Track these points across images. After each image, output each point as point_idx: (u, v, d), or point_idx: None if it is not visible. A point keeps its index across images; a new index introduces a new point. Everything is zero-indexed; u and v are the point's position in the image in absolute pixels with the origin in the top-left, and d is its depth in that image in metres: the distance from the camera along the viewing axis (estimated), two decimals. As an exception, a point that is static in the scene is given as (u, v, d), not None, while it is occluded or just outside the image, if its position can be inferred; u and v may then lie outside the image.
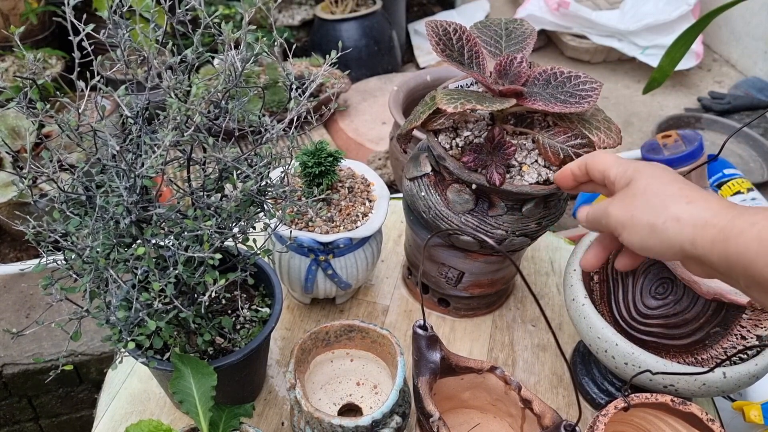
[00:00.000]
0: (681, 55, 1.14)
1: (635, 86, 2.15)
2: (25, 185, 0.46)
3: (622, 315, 0.67)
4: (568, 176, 0.53)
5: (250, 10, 0.49)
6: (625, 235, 0.46)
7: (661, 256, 0.45)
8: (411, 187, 0.68)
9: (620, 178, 0.48)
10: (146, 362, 0.55)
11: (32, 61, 0.45)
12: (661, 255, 0.45)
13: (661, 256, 0.45)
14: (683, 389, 0.56)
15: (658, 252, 0.45)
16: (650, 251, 0.45)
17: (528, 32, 0.66)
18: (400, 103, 1.04)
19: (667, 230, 0.43)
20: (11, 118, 1.30)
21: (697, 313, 0.65)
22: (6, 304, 1.32)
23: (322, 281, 0.73)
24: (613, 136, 0.59)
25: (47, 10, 1.81)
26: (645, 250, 0.46)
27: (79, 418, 1.38)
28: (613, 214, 0.47)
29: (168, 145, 0.46)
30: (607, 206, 0.48)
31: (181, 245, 0.49)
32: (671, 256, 0.44)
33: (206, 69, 1.64)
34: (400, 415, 0.59)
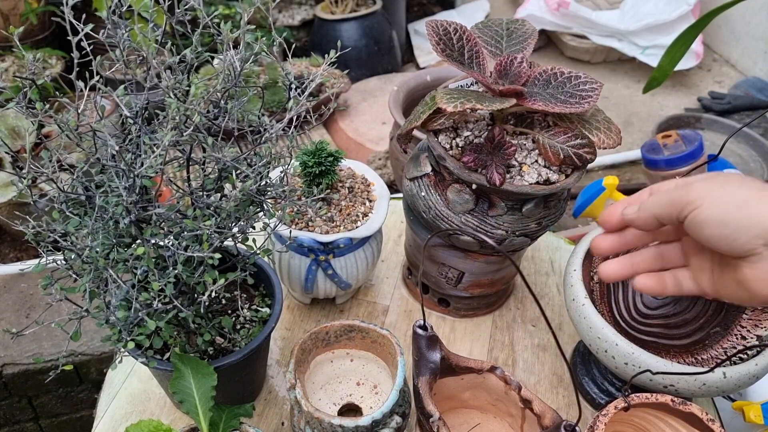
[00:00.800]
0: (681, 55, 1.14)
1: (635, 86, 2.15)
2: (24, 185, 0.46)
3: (622, 315, 0.67)
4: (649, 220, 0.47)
5: (249, 9, 0.49)
6: (705, 208, 0.42)
7: (735, 243, 0.41)
8: (411, 187, 0.68)
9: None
10: (146, 362, 0.55)
11: (32, 61, 0.45)
12: (736, 241, 0.41)
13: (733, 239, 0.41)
14: (683, 389, 0.56)
15: (736, 230, 0.41)
16: (727, 228, 0.41)
17: (529, 32, 0.66)
18: (400, 103, 1.04)
19: (760, 204, 0.40)
20: (11, 118, 1.30)
21: (697, 313, 0.65)
22: (6, 304, 1.32)
23: (322, 281, 0.73)
24: (613, 136, 0.59)
25: (47, 10, 1.81)
26: (723, 232, 0.41)
27: (79, 418, 1.38)
28: (697, 186, 0.43)
29: (167, 144, 0.46)
30: (691, 181, 0.44)
31: (180, 245, 0.49)
32: (748, 244, 0.41)
33: (206, 69, 1.65)
34: (400, 415, 0.59)
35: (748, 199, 0.41)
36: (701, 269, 0.48)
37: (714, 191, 0.42)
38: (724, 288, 0.46)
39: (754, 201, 0.41)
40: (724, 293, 0.46)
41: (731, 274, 0.44)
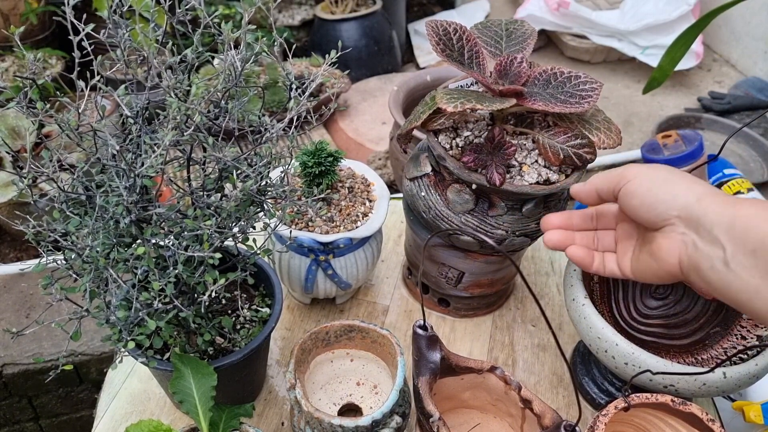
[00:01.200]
0: (681, 55, 1.14)
1: (635, 86, 2.15)
2: (25, 185, 0.46)
3: (622, 315, 0.67)
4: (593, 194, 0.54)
5: (249, 9, 0.49)
6: (637, 181, 0.49)
7: (654, 211, 0.48)
8: (411, 187, 0.68)
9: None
10: (146, 362, 0.55)
11: (32, 61, 0.45)
12: (656, 209, 0.48)
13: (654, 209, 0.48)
14: (683, 389, 0.56)
15: (657, 201, 0.47)
16: (652, 202, 0.48)
17: (528, 32, 0.66)
18: (400, 103, 1.04)
19: (680, 183, 0.47)
20: (11, 118, 1.30)
21: (697, 313, 0.65)
22: (6, 304, 1.32)
23: (322, 281, 0.73)
24: (613, 136, 0.59)
25: (47, 10, 1.81)
26: (647, 200, 0.48)
27: (79, 418, 1.38)
28: (633, 167, 0.50)
29: (168, 144, 0.46)
30: (630, 165, 0.51)
31: (180, 245, 0.49)
32: (665, 213, 0.47)
33: (206, 69, 1.65)
34: (400, 415, 0.59)
35: (672, 178, 0.48)
36: (624, 252, 0.54)
37: (646, 170, 0.50)
38: (640, 264, 0.52)
39: (675, 180, 0.48)
40: (638, 271, 0.52)
41: (647, 248, 0.50)
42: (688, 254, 0.46)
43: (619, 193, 0.51)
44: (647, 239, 0.51)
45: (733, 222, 0.43)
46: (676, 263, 0.47)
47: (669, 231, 0.47)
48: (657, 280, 0.51)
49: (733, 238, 0.42)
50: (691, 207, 0.46)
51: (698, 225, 0.45)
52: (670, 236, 0.47)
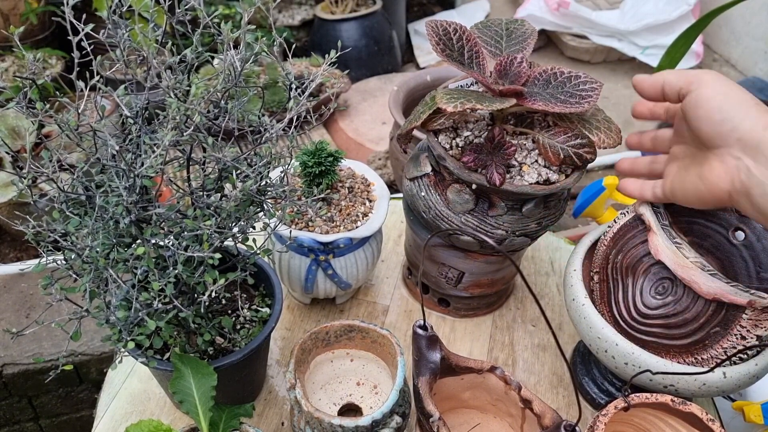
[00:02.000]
0: (681, 55, 1.14)
1: (635, 86, 2.15)
2: (24, 185, 0.46)
3: (622, 315, 0.67)
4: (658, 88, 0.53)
5: (249, 9, 0.49)
6: (711, 89, 0.48)
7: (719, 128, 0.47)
8: (411, 187, 0.68)
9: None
10: (146, 362, 0.55)
11: (32, 61, 0.45)
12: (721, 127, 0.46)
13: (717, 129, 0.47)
14: (683, 389, 0.56)
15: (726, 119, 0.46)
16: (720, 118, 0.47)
17: (528, 32, 0.66)
18: (400, 103, 1.04)
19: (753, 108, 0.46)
20: (11, 118, 1.30)
21: (697, 313, 0.65)
22: (6, 304, 1.32)
23: (322, 281, 0.73)
24: (613, 135, 0.59)
25: (47, 10, 1.81)
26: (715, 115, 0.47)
27: (79, 418, 1.38)
28: (712, 74, 0.49)
29: (167, 144, 0.46)
30: (704, 70, 0.50)
31: (180, 245, 0.49)
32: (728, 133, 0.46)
33: (206, 69, 1.65)
34: (400, 415, 0.59)
35: (746, 100, 0.47)
36: (668, 174, 0.54)
37: (723, 82, 0.48)
38: (685, 185, 0.51)
39: (749, 103, 0.47)
40: (680, 192, 0.52)
41: (696, 169, 0.50)
42: (740, 179, 0.46)
43: (687, 96, 0.49)
44: (698, 160, 0.50)
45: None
46: (725, 188, 0.47)
47: (724, 154, 0.47)
48: (698, 203, 0.50)
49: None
50: (756, 133, 0.45)
51: (757, 151, 0.45)
52: (725, 160, 0.47)
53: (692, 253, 0.57)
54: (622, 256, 0.63)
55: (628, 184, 0.59)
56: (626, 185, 0.59)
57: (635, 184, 0.58)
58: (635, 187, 0.58)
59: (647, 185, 0.57)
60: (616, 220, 0.63)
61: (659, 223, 0.58)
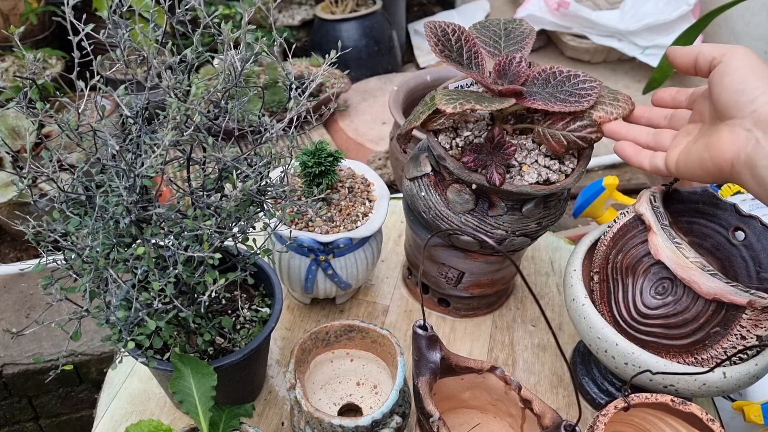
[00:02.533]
0: (681, 54, 1.14)
1: (635, 86, 2.15)
2: (25, 185, 0.46)
3: (622, 315, 0.67)
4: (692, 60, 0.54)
5: (249, 9, 0.49)
6: (740, 60, 0.49)
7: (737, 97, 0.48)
8: (411, 187, 0.68)
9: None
10: (146, 362, 0.55)
11: (32, 61, 0.45)
12: (740, 97, 0.48)
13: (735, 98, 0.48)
14: (683, 389, 0.56)
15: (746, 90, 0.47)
16: (741, 88, 0.48)
17: (527, 32, 0.66)
18: (400, 103, 1.04)
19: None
20: (11, 118, 1.30)
21: (697, 313, 0.65)
22: (6, 304, 1.32)
23: (322, 281, 0.73)
24: (621, 105, 0.59)
25: (47, 10, 1.81)
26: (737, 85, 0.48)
27: (79, 418, 1.38)
28: (742, 47, 0.50)
29: (168, 144, 0.46)
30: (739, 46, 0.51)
31: (180, 245, 0.49)
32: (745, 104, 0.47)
33: (206, 69, 1.65)
34: (400, 415, 0.59)
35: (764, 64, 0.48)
36: (676, 146, 0.55)
37: (755, 57, 0.49)
38: (690, 156, 0.52)
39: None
40: (684, 163, 0.53)
41: (705, 140, 0.51)
42: (747, 151, 0.47)
43: (718, 64, 0.50)
44: (708, 133, 0.51)
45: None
46: (730, 158, 0.48)
47: (736, 125, 0.48)
48: (701, 173, 0.51)
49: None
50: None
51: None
52: (735, 130, 0.48)
53: (692, 253, 0.57)
54: (622, 256, 0.63)
55: (625, 146, 0.58)
56: (623, 147, 0.58)
57: (632, 148, 0.58)
58: (632, 151, 0.58)
59: (644, 153, 0.57)
60: (616, 220, 0.63)
61: (659, 223, 0.58)
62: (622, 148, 0.58)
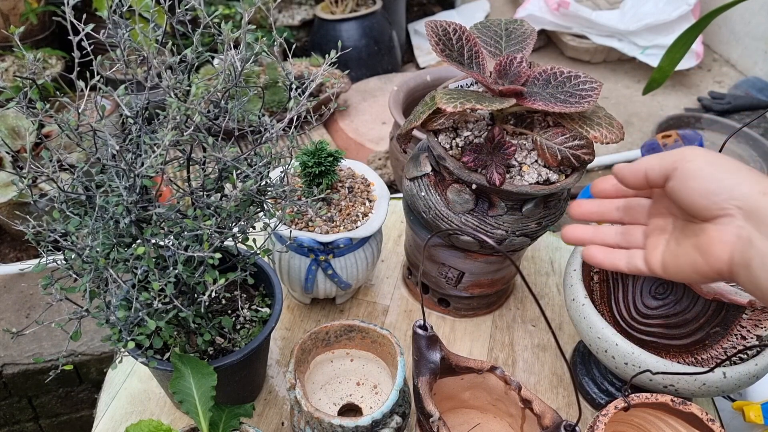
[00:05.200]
0: (681, 55, 1.14)
1: (635, 86, 2.15)
2: (25, 185, 0.46)
3: (622, 315, 0.67)
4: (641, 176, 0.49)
5: (249, 9, 0.49)
6: (698, 162, 0.45)
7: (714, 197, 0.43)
8: (411, 187, 0.68)
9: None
10: (146, 362, 0.55)
11: (32, 61, 0.45)
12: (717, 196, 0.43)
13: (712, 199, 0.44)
14: (683, 389, 0.56)
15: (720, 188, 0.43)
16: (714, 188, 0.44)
17: (528, 32, 0.66)
18: (400, 103, 1.04)
19: (745, 173, 0.43)
20: (11, 118, 1.30)
21: (697, 313, 0.65)
22: (6, 304, 1.32)
23: (322, 281, 0.73)
24: (615, 131, 0.59)
25: (47, 10, 1.81)
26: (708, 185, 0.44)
27: (79, 418, 1.38)
28: (691, 148, 0.46)
29: (168, 144, 0.46)
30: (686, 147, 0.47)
31: (180, 245, 0.49)
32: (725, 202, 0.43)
33: (206, 69, 1.65)
34: (400, 415, 0.59)
35: (737, 166, 0.44)
36: (655, 247, 0.49)
37: (708, 153, 0.45)
38: (678, 259, 0.47)
39: (741, 168, 0.44)
40: (673, 266, 0.48)
41: (692, 240, 0.46)
42: (741, 250, 0.42)
43: (674, 173, 0.46)
44: (692, 232, 0.47)
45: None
46: (726, 259, 0.43)
47: (725, 223, 0.43)
48: (695, 276, 0.46)
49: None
50: (755, 199, 0.42)
51: (759, 219, 0.42)
52: (725, 229, 0.43)
53: (692, 253, 0.57)
54: (622, 256, 0.63)
55: (594, 251, 0.52)
56: (594, 254, 0.52)
57: (602, 252, 0.52)
58: (605, 256, 0.52)
59: (619, 254, 0.52)
60: (616, 220, 0.63)
61: (659, 223, 0.58)
62: (591, 255, 0.52)
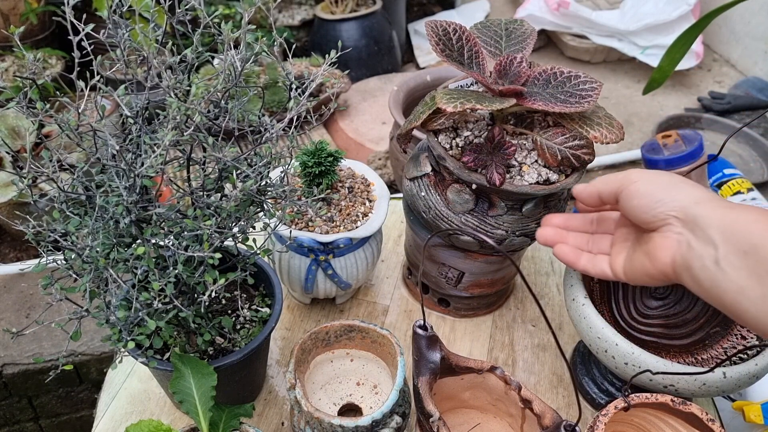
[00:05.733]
0: (681, 55, 1.14)
1: (635, 86, 2.15)
2: (25, 185, 0.46)
3: (622, 315, 0.67)
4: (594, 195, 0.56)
5: (249, 9, 0.49)
6: (640, 183, 0.51)
7: (653, 211, 0.49)
8: (411, 187, 0.68)
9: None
10: (146, 362, 0.55)
11: (32, 61, 0.45)
12: (655, 209, 0.49)
13: (652, 213, 0.49)
14: (683, 389, 0.56)
15: (658, 202, 0.49)
16: (652, 203, 0.49)
17: (528, 32, 0.66)
18: (400, 103, 1.04)
19: (682, 187, 0.49)
20: (11, 118, 1.30)
21: (697, 313, 0.65)
22: (6, 304, 1.32)
23: (322, 281, 0.73)
24: (615, 131, 0.59)
25: (47, 10, 1.81)
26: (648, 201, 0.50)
27: (79, 418, 1.38)
28: (637, 171, 0.53)
29: (168, 144, 0.46)
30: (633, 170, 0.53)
31: (180, 245, 0.49)
32: (663, 213, 0.49)
33: (206, 69, 1.65)
34: (400, 415, 0.59)
35: (674, 182, 0.50)
36: (618, 254, 0.56)
37: (649, 174, 0.52)
38: (633, 264, 0.53)
39: (677, 183, 0.50)
40: (630, 271, 0.54)
41: (643, 247, 0.52)
42: (681, 253, 0.47)
43: (621, 194, 0.52)
44: (644, 240, 0.52)
45: (729, 224, 0.44)
46: (669, 262, 0.49)
47: (666, 230, 0.49)
48: (648, 279, 0.52)
49: (727, 239, 0.44)
50: (690, 208, 0.47)
51: (695, 225, 0.47)
52: (667, 235, 0.49)
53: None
54: (622, 256, 0.63)
55: (565, 250, 0.59)
56: (563, 251, 0.59)
57: (572, 252, 0.58)
58: (573, 255, 0.58)
59: (585, 256, 0.58)
60: (616, 220, 0.63)
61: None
62: (562, 253, 0.59)
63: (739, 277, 0.43)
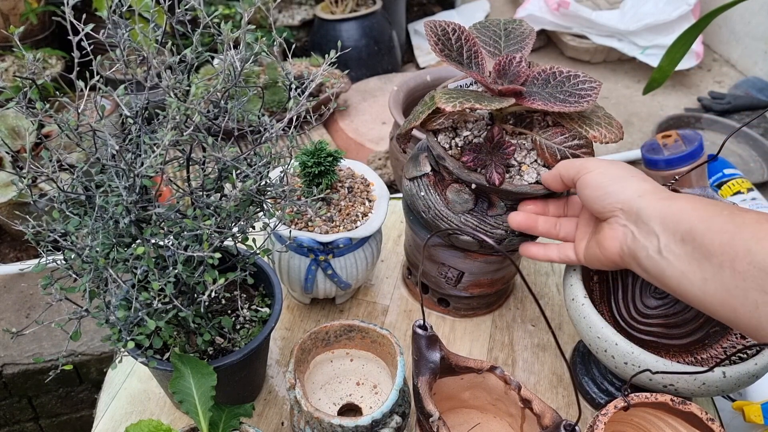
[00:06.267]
0: (681, 55, 1.14)
1: (635, 86, 2.15)
2: (24, 185, 0.46)
3: (622, 315, 0.67)
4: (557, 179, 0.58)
5: (249, 9, 0.49)
6: (593, 174, 0.53)
7: (602, 203, 0.52)
8: (411, 187, 0.68)
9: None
10: (146, 362, 0.55)
11: (32, 61, 0.45)
12: (603, 201, 0.52)
13: (600, 204, 0.52)
14: (683, 389, 0.56)
15: (606, 194, 0.52)
16: (602, 194, 0.52)
17: (527, 32, 0.66)
18: (400, 103, 1.04)
19: (630, 180, 0.52)
20: (11, 118, 1.30)
21: (697, 312, 0.65)
22: (6, 304, 1.32)
23: (322, 281, 0.73)
24: (615, 131, 0.59)
25: (47, 10, 1.81)
26: (598, 192, 0.53)
27: (79, 418, 1.39)
28: (595, 160, 0.55)
29: (167, 144, 0.46)
30: (593, 159, 0.56)
31: (180, 245, 0.49)
32: (611, 205, 0.52)
33: (206, 69, 1.65)
34: (400, 415, 0.59)
35: (623, 175, 0.53)
36: (581, 239, 0.59)
37: (604, 165, 0.54)
38: (589, 251, 0.56)
39: (627, 176, 0.52)
40: (588, 257, 0.57)
41: (596, 236, 0.55)
42: (627, 244, 0.51)
43: (577, 182, 0.55)
44: (597, 228, 0.55)
45: (666, 215, 0.48)
46: (617, 252, 0.52)
47: (613, 222, 0.52)
48: (601, 266, 0.56)
49: (666, 229, 0.47)
50: (634, 201, 0.50)
51: (638, 218, 0.50)
52: (614, 227, 0.52)
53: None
54: (622, 255, 0.63)
55: (530, 247, 0.63)
56: (529, 249, 0.63)
57: (536, 248, 0.63)
58: (539, 250, 0.62)
59: (552, 248, 0.61)
60: (616, 220, 0.63)
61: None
62: (528, 250, 0.63)
63: (680, 263, 0.46)
